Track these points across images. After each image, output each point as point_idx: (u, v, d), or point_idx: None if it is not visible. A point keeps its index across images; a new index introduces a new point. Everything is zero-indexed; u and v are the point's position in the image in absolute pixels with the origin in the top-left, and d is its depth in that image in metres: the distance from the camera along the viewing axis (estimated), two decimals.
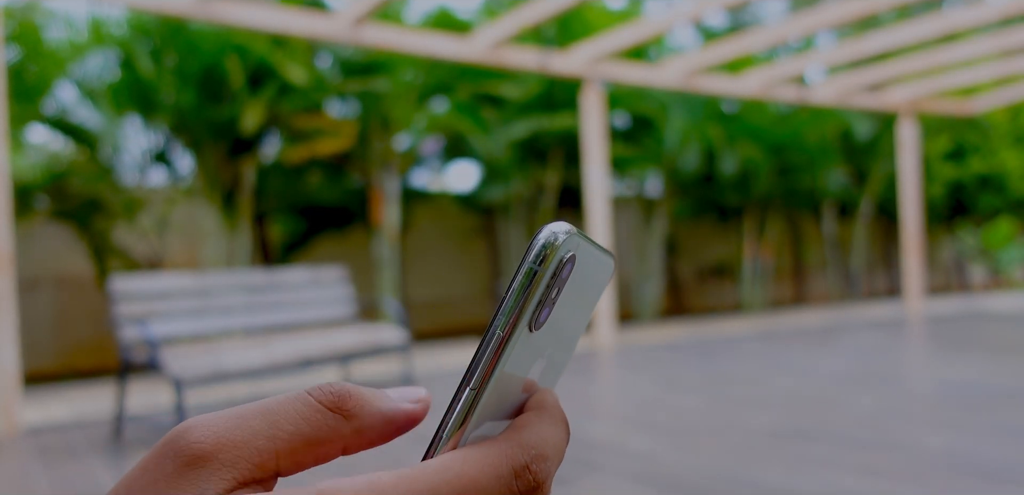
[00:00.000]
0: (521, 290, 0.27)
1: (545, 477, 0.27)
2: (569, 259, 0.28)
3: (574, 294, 0.30)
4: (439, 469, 0.25)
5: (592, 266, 0.31)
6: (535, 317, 0.28)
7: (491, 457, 0.26)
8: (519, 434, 0.28)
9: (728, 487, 2.62)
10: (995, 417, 3.51)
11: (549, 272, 0.27)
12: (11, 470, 3.35)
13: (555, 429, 0.29)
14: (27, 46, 7.05)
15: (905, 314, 8.94)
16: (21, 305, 6.55)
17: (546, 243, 0.27)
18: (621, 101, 9.39)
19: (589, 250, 0.30)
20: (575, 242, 0.28)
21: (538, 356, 0.30)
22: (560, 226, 0.28)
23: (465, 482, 0.25)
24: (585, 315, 0.34)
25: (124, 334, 3.85)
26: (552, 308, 0.29)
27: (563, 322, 0.31)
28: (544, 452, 0.28)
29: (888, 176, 12.04)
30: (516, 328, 0.27)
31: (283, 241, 9.39)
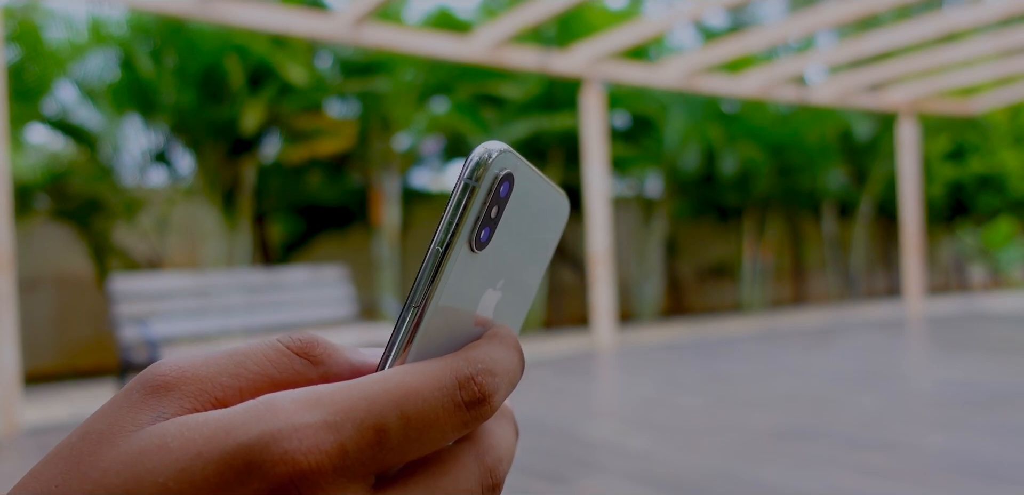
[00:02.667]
0: (458, 205, 0.27)
1: (492, 391, 0.27)
2: (505, 176, 0.28)
3: (520, 225, 0.30)
4: (379, 379, 0.25)
5: (539, 199, 0.31)
6: (475, 235, 0.27)
7: (434, 368, 0.26)
8: (466, 350, 0.28)
9: (728, 487, 2.62)
10: (995, 417, 3.51)
11: (484, 187, 0.27)
12: (11, 470, 3.35)
13: (506, 351, 0.29)
14: (27, 46, 7.05)
15: (905, 314, 8.94)
16: (21, 305, 6.55)
17: (480, 160, 0.27)
18: (621, 101, 9.38)
19: (532, 177, 0.30)
20: (511, 161, 0.28)
21: (488, 287, 0.30)
22: (494, 143, 0.28)
23: (405, 391, 0.25)
24: (540, 258, 0.33)
25: (124, 334, 3.85)
26: (493, 230, 0.28)
27: (512, 257, 0.31)
28: (491, 367, 0.27)
29: (888, 176, 12.04)
30: (454, 243, 0.27)
31: (283, 241, 9.39)
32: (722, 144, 10.24)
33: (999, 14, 6.09)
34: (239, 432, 0.23)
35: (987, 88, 9.47)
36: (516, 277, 0.32)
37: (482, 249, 0.28)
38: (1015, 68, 7.69)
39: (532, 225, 0.31)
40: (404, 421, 0.25)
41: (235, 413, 0.23)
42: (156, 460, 0.22)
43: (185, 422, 0.23)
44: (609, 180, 7.92)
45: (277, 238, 9.42)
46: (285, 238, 9.42)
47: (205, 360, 0.26)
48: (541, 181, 0.31)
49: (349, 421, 0.24)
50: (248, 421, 0.23)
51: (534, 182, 0.30)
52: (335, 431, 0.23)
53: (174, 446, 0.23)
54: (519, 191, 0.29)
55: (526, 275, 0.33)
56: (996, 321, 8.22)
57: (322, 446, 0.23)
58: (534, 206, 0.31)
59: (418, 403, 0.25)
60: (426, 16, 8.93)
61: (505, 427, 0.31)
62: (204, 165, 8.05)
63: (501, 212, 0.28)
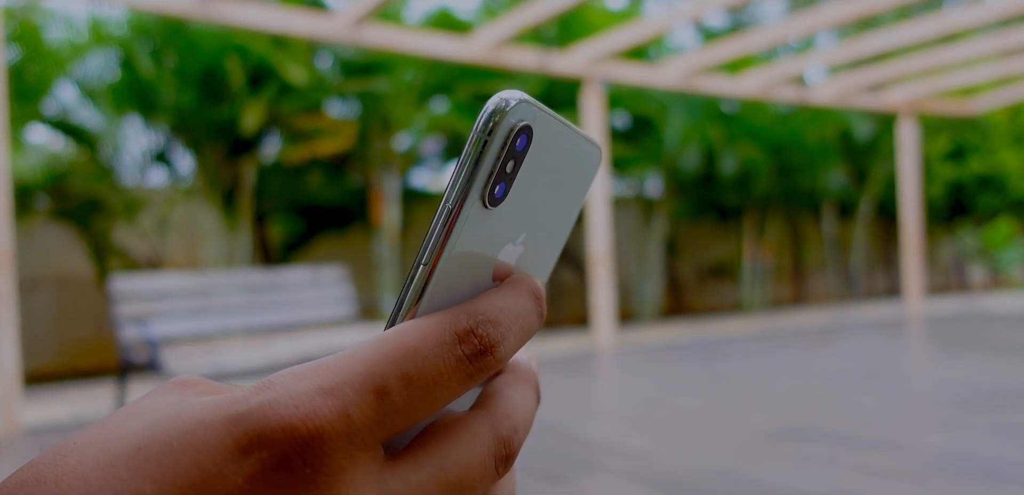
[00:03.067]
0: (468, 160, 0.25)
1: (495, 341, 0.26)
2: (522, 129, 0.26)
3: (543, 177, 0.28)
4: (376, 342, 0.25)
5: (564, 149, 0.29)
6: (488, 191, 0.26)
7: (433, 323, 0.25)
8: (468, 302, 0.27)
9: (728, 487, 2.62)
10: (995, 417, 3.51)
11: (498, 140, 0.25)
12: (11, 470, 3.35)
13: (516, 299, 0.28)
14: (27, 46, 7.05)
15: (905, 314, 8.94)
16: (21, 305, 6.55)
17: (496, 110, 0.25)
18: (621, 101, 9.38)
19: (556, 128, 0.27)
20: (530, 111, 0.26)
21: (508, 240, 0.29)
22: (512, 93, 0.26)
23: (404, 350, 0.24)
24: (568, 206, 0.32)
25: (124, 334, 3.86)
26: (509, 185, 0.26)
27: (535, 206, 0.29)
28: (494, 317, 0.26)
29: (888, 176, 12.04)
30: (465, 201, 0.25)
31: (283, 241, 9.39)
32: (722, 144, 10.24)
33: (999, 14, 6.09)
34: (239, 403, 0.23)
35: (987, 88, 9.47)
36: (540, 228, 0.31)
37: (496, 205, 0.27)
38: (1015, 68, 7.69)
39: (557, 176, 0.29)
40: (405, 381, 0.24)
41: (239, 387, 0.24)
42: (168, 424, 0.23)
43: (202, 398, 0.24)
44: (609, 180, 7.91)
45: (277, 238, 9.42)
46: (285, 238, 9.42)
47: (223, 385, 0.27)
48: (567, 130, 0.29)
49: (347, 385, 0.23)
50: (248, 394, 0.23)
51: (558, 132, 0.28)
52: (333, 396, 0.23)
53: (184, 412, 0.23)
54: (540, 143, 0.27)
55: (552, 224, 0.31)
56: (996, 321, 8.22)
57: (320, 411, 0.22)
58: (559, 157, 0.29)
59: (418, 361, 0.24)
60: (426, 16, 8.93)
61: (525, 392, 0.30)
62: (204, 165, 8.05)
63: (518, 166, 0.26)
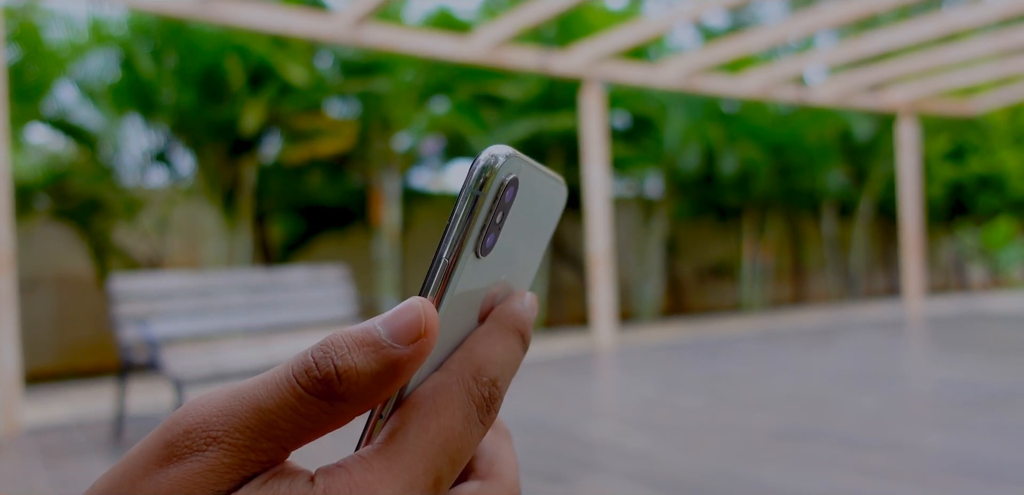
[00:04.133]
0: (464, 216, 0.27)
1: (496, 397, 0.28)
2: (511, 182, 0.27)
3: (522, 220, 0.30)
4: (417, 427, 0.26)
5: (539, 191, 0.31)
6: (480, 243, 0.27)
7: (454, 396, 0.27)
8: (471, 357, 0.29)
9: (728, 487, 2.62)
10: (995, 417, 3.51)
11: (491, 196, 0.27)
12: (11, 470, 3.35)
13: (507, 344, 0.30)
14: (27, 46, 7.05)
15: (905, 314, 8.94)
16: (21, 305, 6.55)
17: (486, 166, 0.26)
18: (621, 101, 9.38)
19: (533, 174, 0.29)
20: (516, 165, 0.27)
21: (493, 283, 0.30)
22: (500, 149, 0.27)
23: (446, 435, 0.26)
24: (540, 242, 0.34)
25: (124, 334, 3.86)
26: (498, 234, 0.28)
27: (514, 248, 0.31)
28: (495, 374, 0.29)
29: (888, 176, 12.05)
30: (461, 255, 0.27)
31: (283, 241, 9.39)
32: (722, 144, 10.24)
33: (999, 14, 6.09)
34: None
35: (987, 88, 9.47)
36: (518, 265, 0.32)
37: (487, 255, 0.28)
38: (1015, 68, 7.69)
39: (534, 219, 0.32)
40: (452, 463, 0.27)
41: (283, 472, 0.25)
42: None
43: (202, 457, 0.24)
44: (609, 180, 7.92)
45: (277, 238, 9.42)
46: (285, 238, 9.42)
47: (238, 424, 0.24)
48: (542, 176, 0.31)
49: (415, 488, 0.25)
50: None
51: (536, 179, 0.30)
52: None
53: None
54: (523, 192, 0.29)
55: (527, 260, 0.33)
56: (996, 321, 8.22)
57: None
58: (537, 202, 0.31)
59: (458, 441, 0.27)
60: (426, 16, 8.93)
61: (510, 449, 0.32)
62: (204, 165, 8.05)
63: (506, 217, 0.28)
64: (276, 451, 0.25)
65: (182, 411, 0.25)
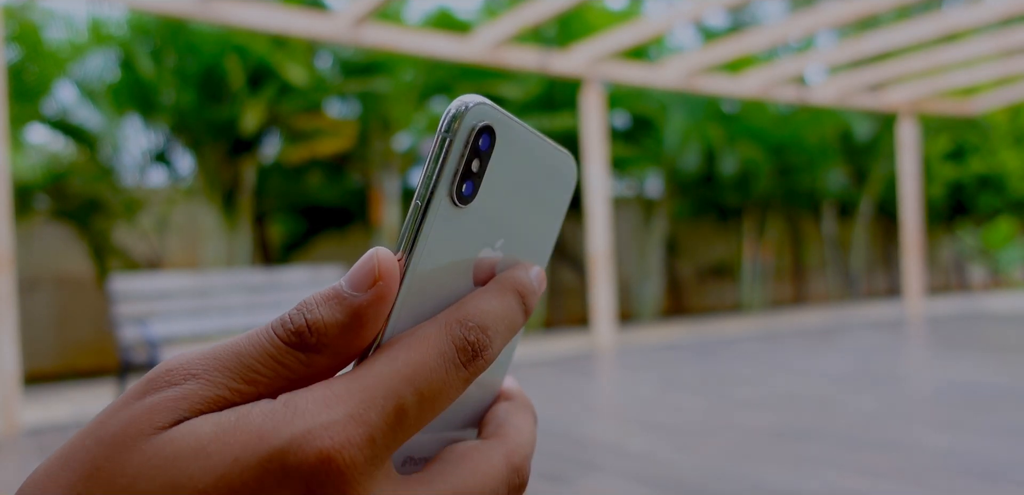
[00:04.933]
0: (435, 158, 0.27)
1: (485, 346, 0.27)
2: (483, 128, 0.27)
3: (514, 182, 0.30)
4: (386, 359, 0.26)
5: (531, 152, 0.30)
6: (456, 188, 0.27)
7: (432, 335, 0.27)
8: (458, 308, 0.28)
9: (728, 487, 2.62)
10: (995, 417, 3.51)
11: (461, 139, 0.27)
12: (11, 470, 3.35)
13: (501, 300, 0.29)
14: (27, 46, 7.05)
15: (905, 314, 8.94)
16: (21, 305, 6.55)
17: (456, 112, 0.27)
18: (621, 101, 9.38)
19: (521, 133, 0.29)
20: (490, 113, 0.27)
21: (485, 244, 0.30)
22: (470, 96, 0.27)
23: (414, 366, 0.26)
24: (549, 217, 0.33)
25: (124, 334, 3.86)
26: (477, 184, 0.28)
27: (510, 212, 0.30)
28: (482, 322, 0.28)
29: (888, 176, 12.05)
30: (433, 197, 0.27)
31: (283, 241, 9.39)
32: (722, 144, 10.24)
33: (999, 14, 6.09)
34: (271, 437, 0.23)
35: (987, 88, 9.47)
36: (519, 236, 0.31)
37: (466, 204, 0.28)
38: (1015, 68, 7.69)
39: (530, 183, 0.31)
40: (419, 397, 0.25)
41: (263, 416, 0.24)
42: (194, 465, 0.23)
43: (219, 423, 0.24)
44: (609, 180, 7.92)
45: (277, 238, 9.42)
46: (285, 238, 9.42)
47: (206, 359, 0.25)
48: (535, 138, 0.30)
49: (372, 409, 0.24)
50: (278, 424, 0.23)
51: (525, 138, 0.29)
52: (362, 423, 0.24)
53: (212, 451, 0.23)
54: (505, 145, 0.28)
55: (533, 234, 0.32)
56: (996, 321, 8.22)
57: (353, 440, 0.24)
58: (529, 163, 0.30)
59: (427, 374, 0.26)
60: (426, 16, 8.94)
61: (528, 420, 0.32)
62: (204, 165, 8.05)
63: (484, 166, 0.28)
64: (253, 396, 0.25)
65: (167, 358, 0.26)
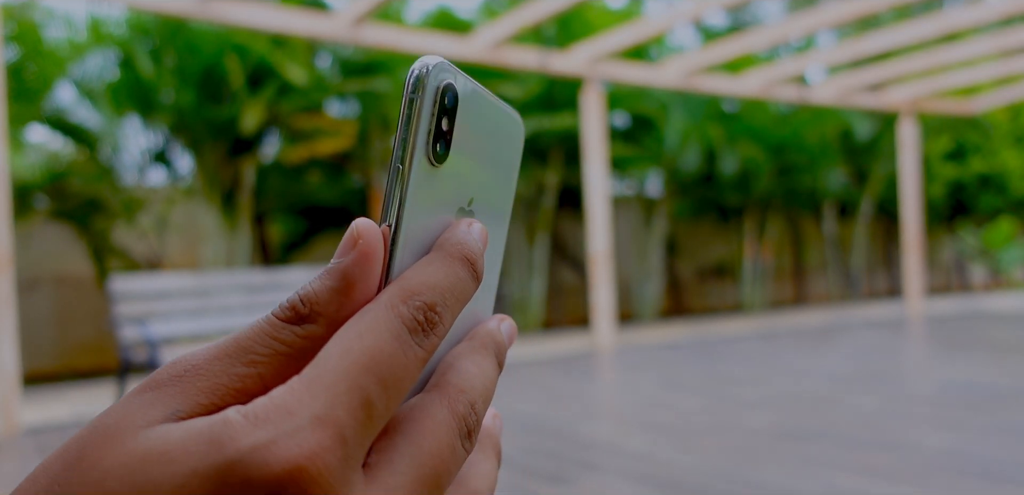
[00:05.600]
0: (407, 120, 0.27)
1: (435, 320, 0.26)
2: (446, 87, 0.28)
3: (476, 140, 0.30)
4: (341, 350, 0.24)
5: (490, 115, 0.31)
6: (431, 147, 0.28)
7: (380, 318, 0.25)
8: (402, 281, 0.27)
9: (728, 487, 2.62)
10: (995, 417, 3.51)
11: (429, 98, 0.27)
12: (11, 470, 3.35)
13: (447, 269, 0.28)
14: (27, 46, 7.05)
15: (905, 314, 8.94)
16: (21, 305, 6.55)
17: (419, 73, 0.27)
18: (621, 101, 9.38)
19: (476, 91, 0.30)
20: (450, 72, 0.28)
21: (457, 204, 0.30)
22: (430, 57, 0.28)
23: (373, 355, 0.24)
24: (506, 177, 0.34)
25: (124, 334, 3.85)
26: (448, 143, 0.28)
27: (475, 173, 0.31)
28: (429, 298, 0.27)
29: (888, 176, 12.04)
30: (412, 157, 0.27)
31: (283, 241, 9.39)
32: (722, 144, 10.24)
33: (999, 14, 6.09)
34: (229, 447, 0.22)
35: (987, 88, 9.47)
36: (486, 194, 0.32)
37: (442, 163, 0.28)
38: (1015, 68, 7.68)
39: (489, 142, 0.32)
40: (382, 385, 0.24)
41: (225, 423, 0.23)
42: (157, 470, 0.22)
43: (189, 429, 0.23)
44: (609, 180, 7.91)
45: (277, 238, 9.42)
46: (285, 238, 9.42)
47: (210, 352, 0.26)
48: (487, 97, 0.31)
49: (337, 407, 0.23)
50: (237, 433, 0.22)
51: (480, 96, 0.30)
52: (329, 424, 0.23)
53: (175, 457, 0.22)
54: (466, 104, 0.29)
55: (496, 191, 0.33)
56: (996, 321, 8.21)
57: (322, 443, 0.22)
58: (487, 122, 0.31)
59: (386, 360, 0.25)
60: (426, 16, 8.94)
61: (478, 361, 0.30)
62: (204, 165, 8.05)
63: (453, 124, 0.28)
64: (253, 378, 0.25)
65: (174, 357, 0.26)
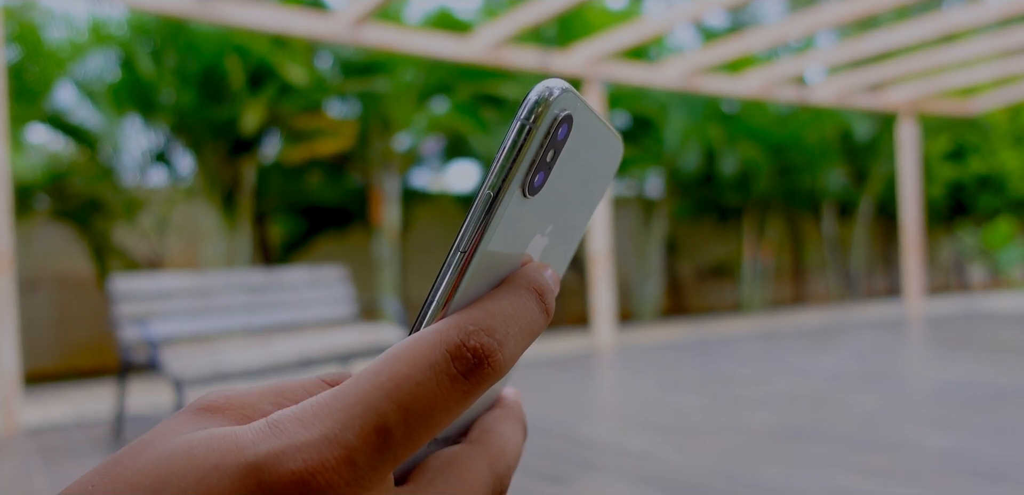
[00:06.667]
0: (513, 148, 0.25)
1: (492, 350, 0.25)
2: (564, 119, 0.26)
3: (575, 168, 0.28)
4: (370, 374, 0.24)
5: (594, 139, 0.29)
6: (529, 180, 0.26)
7: (424, 344, 0.25)
8: (463, 310, 0.26)
9: (728, 487, 2.62)
10: (995, 417, 3.51)
11: (543, 129, 0.25)
12: (11, 470, 3.35)
13: (514, 300, 0.27)
14: (27, 46, 7.05)
15: (905, 314, 8.94)
16: (21, 305, 6.55)
17: (540, 98, 0.25)
18: (621, 101, 9.38)
19: (589, 118, 0.28)
20: (572, 101, 0.26)
21: (537, 232, 0.29)
22: (555, 81, 0.26)
23: (397, 381, 0.24)
24: (590, 200, 0.31)
25: (124, 334, 3.86)
26: (548, 174, 0.26)
27: (563, 198, 0.29)
28: (487, 324, 0.25)
29: (888, 176, 12.04)
30: (507, 187, 0.25)
31: (283, 241, 9.39)
32: (722, 144, 10.24)
33: (999, 14, 6.09)
34: (249, 450, 0.23)
35: (987, 88, 9.47)
36: (565, 221, 0.30)
37: (535, 195, 0.26)
38: (1015, 68, 7.68)
39: (586, 168, 0.29)
40: (404, 413, 0.24)
41: (248, 430, 0.24)
42: (181, 465, 0.23)
43: (211, 433, 0.24)
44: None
45: (277, 238, 9.42)
46: (285, 238, 9.42)
47: (250, 390, 0.27)
48: (598, 122, 0.29)
49: (349, 430, 0.23)
50: (257, 439, 0.23)
51: (592, 123, 0.28)
52: (338, 444, 0.23)
53: (198, 454, 0.23)
54: (577, 134, 0.27)
55: (575, 218, 0.31)
56: (996, 321, 8.22)
57: (327, 462, 0.23)
58: (590, 149, 0.29)
59: (413, 389, 0.24)
60: (426, 16, 8.93)
61: (514, 428, 0.30)
62: (204, 165, 8.05)
63: (557, 156, 0.26)
64: None
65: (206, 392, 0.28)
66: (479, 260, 0.26)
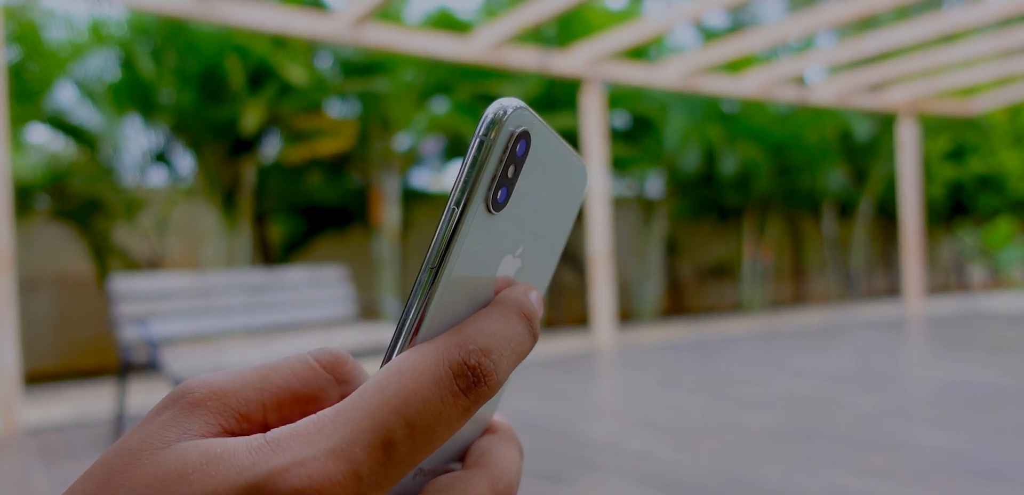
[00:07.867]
0: (474, 163, 0.26)
1: (488, 371, 0.26)
2: (521, 134, 0.27)
3: (539, 188, 0.29)
4: (375, 389, 0.25)
5: (556, 159, 0.30)
6: (492, 195, 0.26)
7: (427, 360, 0.25)
8: (459, 329, 0.27)
9: (728, 487, 2.62)
10: (995, 417, 3.51)
11: (500, 144, 0.26)
12: (11, 470, 3.35)
13: (506, 321, 0.28)
14: (27, 46, 7.05)
15: (905, 314, 8.94)
16: (21, 305, 6.55)
17: (495, 115, 0.26)
18: (621, 101, 9.38)
19: (550, 139, 0.29)
20: (528, 118, 0.27)
21: (506, 253, 0.29)
22: (510, 100, 0.27)
23: (404, 396, 0.24)
24: (560, 224, 0.32)
25: (124, 334, 3.86)
26: (511, 190, 0.27)
27: (531, 221, 0.30)
28: (484, 345, 0.26)
29: (888, 176, 12.04)
30: (471, 202, 0.26)
31: (283, 241, 9.39)
32: (722, 144, 10.24)
33: (999, 14, 6.09)
34: (249, 471, 0.23)
35: (987, 88, 9.47)
36: (536, 242, 0.31)
37: (499, 210, 0.27)
38: (1015, 68, 7.68)
39: (551, 189, 0.30)
40: (409, 428, 0.24)
41: (245, 449, 0.24)
42: (176, 488, 0.23)
43: (206, 451, 0.24)
44: (609, 180, 7.92)
45: (277, 238, 9.42)
46: (285, 238, 9.42)
47: (233, 376, 0.26)
48: (560, 144, 0.30)
49: (355, 444, 0.23)
50: (257, 459, 0.23)
51: (552, 144, 0.29)
52: (343, 458, 0.23)
53: (194, 478, 0.23)
54: (537, 151, 0.28)
55: (547, 241, 0.32)
56: (996, 321, 8.22)
57: (333, 477, 0.23)
58: (552, 170, 0.30)
59: (419, 404, 0.24)
60: (426, 16, 8.93)
61: (512, 451, 0.31)
62: (204, 165, 8.05)
63: (518, 172, 0.27)
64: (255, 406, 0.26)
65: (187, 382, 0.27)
66: (449, 280, 0.27)
